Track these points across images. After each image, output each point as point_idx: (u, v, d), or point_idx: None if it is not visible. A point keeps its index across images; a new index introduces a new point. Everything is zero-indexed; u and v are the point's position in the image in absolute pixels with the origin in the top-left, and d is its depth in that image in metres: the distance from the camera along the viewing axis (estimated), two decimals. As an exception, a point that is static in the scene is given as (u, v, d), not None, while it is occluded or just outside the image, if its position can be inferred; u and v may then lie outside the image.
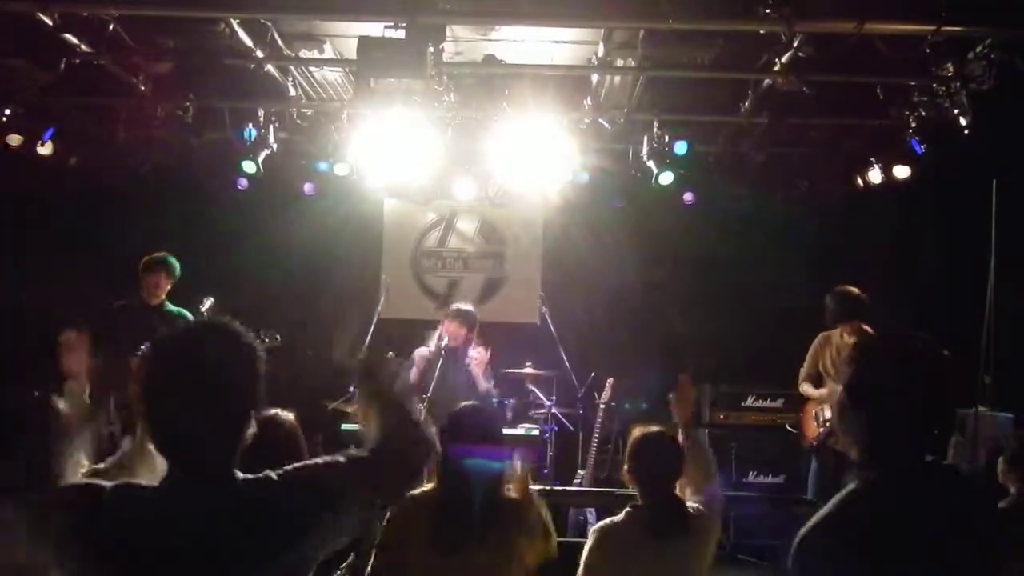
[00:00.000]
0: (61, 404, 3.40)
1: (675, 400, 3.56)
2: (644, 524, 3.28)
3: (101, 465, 3.32)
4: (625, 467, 3.43)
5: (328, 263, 8.31)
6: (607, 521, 3.41)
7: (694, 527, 3.31)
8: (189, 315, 6.40)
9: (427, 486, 3.26)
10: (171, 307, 6.41)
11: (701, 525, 3.33)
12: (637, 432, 3.47)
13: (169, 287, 6.42)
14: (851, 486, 2.01)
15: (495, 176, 7.87)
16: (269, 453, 3.30)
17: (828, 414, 6.25)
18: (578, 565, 3.37)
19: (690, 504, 3.38)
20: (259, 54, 6.18)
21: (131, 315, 6.22)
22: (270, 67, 6.49)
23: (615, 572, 3.29)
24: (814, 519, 1.97)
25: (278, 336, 6.51)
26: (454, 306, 6.72)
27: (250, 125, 7.18)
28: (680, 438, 3.48)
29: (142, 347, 2.06)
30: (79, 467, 3.22)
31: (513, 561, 3.15)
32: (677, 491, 3.41)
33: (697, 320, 7.79)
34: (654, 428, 3.49)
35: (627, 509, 3.37)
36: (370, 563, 3.21)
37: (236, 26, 5.82)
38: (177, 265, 6.43)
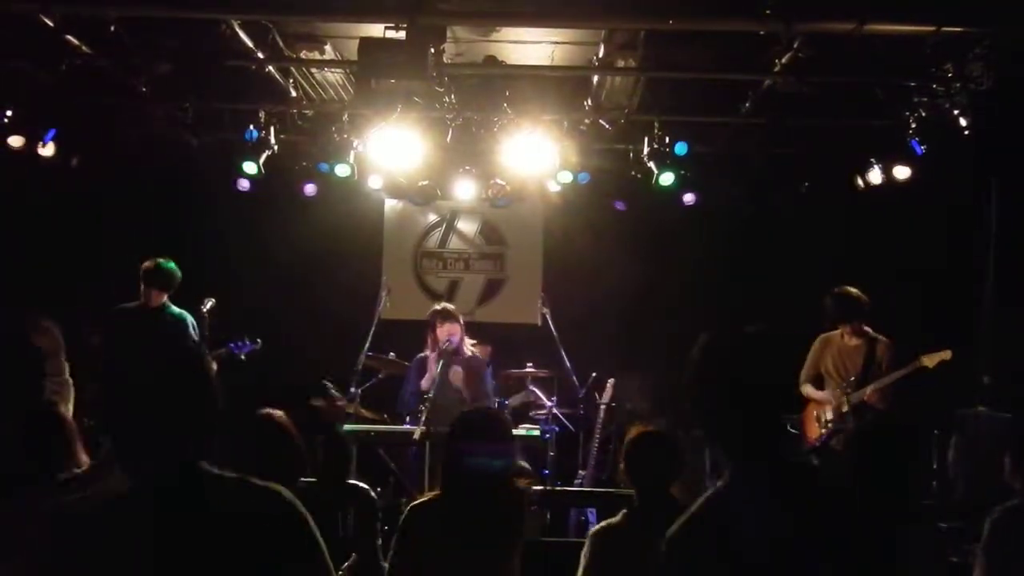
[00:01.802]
0: (63, 408, 3.50)
1: None
2: (641, 525, 3.27)
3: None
4: (621, 466, 3.43)
5: (328, 264, 8.30)
6: (604, 524, 3.40)
7: None
8: (190, 316, 6.38)
9: (436, 491, 3.28)
10: (173, 309, 6.35)
11: None
12: (633, 432, 3.47)
13: (166, 295, 6.31)
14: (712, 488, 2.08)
15: (495, 177, 7.88)
16: (264, 447, 3.39)
17: (830, 415, 6.24)
18: (578, 565, 3.37)
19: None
20: (260, 55, 6.18)
21: (131, 319, 6.21)
22: (271, 68, 6.50)
23: (614, 574, 3.29)
24: (680, 519, 2.04)
25: (258, 340, 6.55)
26: (438, 308, 6.54)
27: (251, 126, 7.19)
28: None
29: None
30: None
31: (516, 553, 3.18)
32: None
33: (697, 320, 7.76)
34: (650, 428, 3.49)
35: (624, 511, 3.37)
36: (387, 565, 3.25)
37: (237, 27, 5.82)
38: (173, 274, 6.27)
